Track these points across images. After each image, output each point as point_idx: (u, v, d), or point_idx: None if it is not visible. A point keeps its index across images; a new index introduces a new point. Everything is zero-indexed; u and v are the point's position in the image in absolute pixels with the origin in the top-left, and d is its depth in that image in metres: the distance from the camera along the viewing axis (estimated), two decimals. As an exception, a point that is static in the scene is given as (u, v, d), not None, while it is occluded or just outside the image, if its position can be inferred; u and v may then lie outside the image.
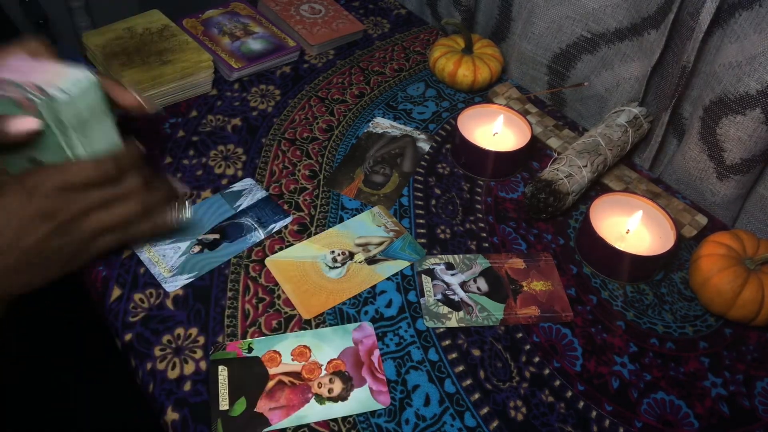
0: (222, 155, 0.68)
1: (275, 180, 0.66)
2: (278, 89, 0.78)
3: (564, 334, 0.56)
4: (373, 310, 0.56)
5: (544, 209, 0.63)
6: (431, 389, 0.51)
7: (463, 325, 0.55)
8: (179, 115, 0.72)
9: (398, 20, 0.92)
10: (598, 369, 0.54)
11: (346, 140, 0.72)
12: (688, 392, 0.53)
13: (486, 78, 0.78)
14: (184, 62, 0.73)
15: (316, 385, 0.50)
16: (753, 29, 0.58)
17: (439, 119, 0.77)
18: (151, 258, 0.57)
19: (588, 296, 0.60)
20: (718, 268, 0.56)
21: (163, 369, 0.50)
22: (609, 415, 0.51)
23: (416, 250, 0.61)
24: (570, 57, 0.77)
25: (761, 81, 0.58)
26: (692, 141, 0.67)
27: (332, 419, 0.48)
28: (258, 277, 0.57)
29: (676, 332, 0.58)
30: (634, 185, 0.70)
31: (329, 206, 0.64)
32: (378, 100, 0.78)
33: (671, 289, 0.61)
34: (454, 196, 0.67)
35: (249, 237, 0.60)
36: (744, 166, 0.63)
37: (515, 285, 0.59)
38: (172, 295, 0.55)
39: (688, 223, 0.66)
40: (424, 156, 0.71)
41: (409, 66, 0.84)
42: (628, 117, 0.69)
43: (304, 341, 0.52)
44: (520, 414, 0.50)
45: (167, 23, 0.78)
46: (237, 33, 0.81)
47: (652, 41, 0.69)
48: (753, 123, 0.60)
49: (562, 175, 0.63)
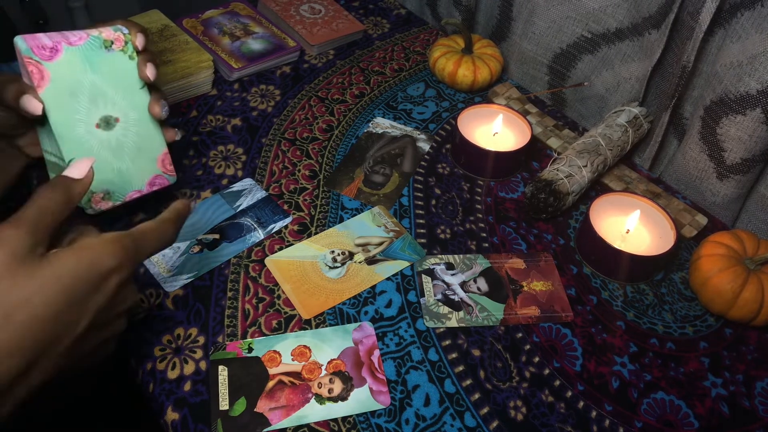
0: (222, 155, 0.68)
1: (275, 180, 0.66)
2: (278, 89, 0.77)
3: (564, 334, 0.56)
4: (373, 310, 0.56)
5: (544, 209, 0.63)
6: (431, 389, 0.51)
7: (463, 325, 0.55)
8: (179, 115, 0.72)
9: (398, 20, 0.92)
10: (598, 369, 0.54)
11: (346, 140, 0.72)
12: (688, 392, 0.53)
13: (486, 78, 0.78)
14: (184, 62, 0.73)
15: (316, 385, 0.50)
16: (754, 29, 0.58)
17: (439, 119, 0.77)
18: (151, 258, 0.57)
19: (588, 296, 0.60)
20: (718, 268, 0.56)
21: (163, 369, 0.50)
22: (609, 415, 0.51)
23: (416, 251, 0.61)
24: (570, 57, 0.77)
25: (762, 81, 0.58)
26: (692, 141, 0.67)
27: (332, 419, 0.48)
28: (258, 277, 0.57)
29: (676, 332, 0.58)
30: (634, 185, 0.70)
31: (329, 206, 0.64)
32: (378, 100, 0.78)
33: (671, 289, 0.61)
34: (454, 196, 0.67)
35: (249, 237, 0.60)
36: (744, 165, 0.63)
37: (515, 285, 0.59)
38: (172, 295, 0.55)
39: (688, 223, 0.66)
40: (424, 156, 0.71)
41: (409, 66, 0.84)
42: (628, 117, 0.69)
43: (304, 341, 0.52)
44: (520, 414, 0.50)
45: (167, 23, 0.78)
46: (237, 33, 0.81)
47: (653, 41, 0.69)
48: (753, 123, 0.60)
49: (562, 175, 0.63)
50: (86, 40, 0.48)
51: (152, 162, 0.54)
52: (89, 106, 0.49)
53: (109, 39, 0.49)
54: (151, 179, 0.55)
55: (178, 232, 0.46)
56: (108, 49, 0.50)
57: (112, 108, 0.51)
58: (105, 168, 0.51)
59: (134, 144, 0.53)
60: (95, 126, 0.50)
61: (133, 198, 0.54)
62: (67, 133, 0.48)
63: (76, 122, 0.49)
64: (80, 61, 0.48)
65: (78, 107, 0.49)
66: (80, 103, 0.49)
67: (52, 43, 0.47)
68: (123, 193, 0.53)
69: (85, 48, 0.48)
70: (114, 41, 0.50)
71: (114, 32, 0.50)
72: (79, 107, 0.49)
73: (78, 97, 0.49)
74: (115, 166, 0.52)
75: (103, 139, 0.51)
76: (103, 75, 0.50)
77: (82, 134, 0.49)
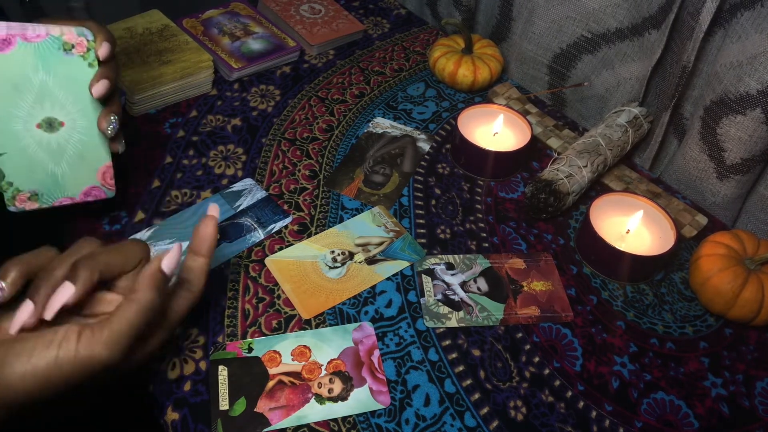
0: (222, 155, 0.68)
1: (275, 180, 0.66)
2: (278, 89, 0.77)
3: (564, 334, 0.56)
4: (373, 310, 0.56)
5: (544, 209, 0.63)
6: (431, 389, 0.51)
7: (463, 325, 0.55)
8: (179, 115, 0.72)
9: (398, 20, 0.92)
10: (598, 369, 0.54)
11: (346, 140, 0.72)
12: (688, 392, 0.53)
13: (486, 78, 0.78)
14: (184, 62, 0.73)
15: (316, 385, 0.50)
16: (754, 29, 0.58)
17: (439, 119, 0.77)
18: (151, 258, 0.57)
19: (588, 296, 0.60)
20: (718, 268, 0.56)
21: (162, 369, 0.50)
22: (609, 415, 0.51)
23: (416, 251, 0.61)
24: (570, 57, 0.77)
25: (762, 81, 0.58)
26: (693, 141, 0.67)
27: (332, 419, 0.48)
28: (258, 277, 0.57)
29: (676, 332, 0.58)
30: (634, 185, 0.70)
31: (329, 206, 0.64)
32: (378, 100, 0.78)
33: (671, 289, 0.61)
34: (454, 196, 0.67)
35: (249, 237, 0.60)
36: (744, 166, 0.63)
37: (515, 285, 0.59)
38: (172, 295, 0.55)
39: (688, 223, 0.66)
40: (424, 156, 0.71)
41: (409, 66, 0.84)
42: (628, 117, 0.69)
43: (304, 341, 0.52)
44: (520, 414, 0.50)
45: (167, 23, 0.78)
46: (237, 33, 0.81)
47: (653, 41, 0.69)
48: (753, 123, 0.60)
49: (562, 175, 0.63)
50: (44, 39, 0.47)
51: (92, 172, 0.54)
52: (33, 104, 0.48)
53: (69, 42, 0.48)
54: (87, 189, 0.54)
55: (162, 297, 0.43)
56: (67, 51, 0.48)
57: (59, 111, 0.50)
58: (38, 169, 0.50)
59: (76, 151, 0.52)
60: (36, 125, 0.49)
61: (63, 204, 0.53)
62: (2, 125, 0.48)
63: (14, 117, 0.48)
64: (33, 58, 0.47)
65: (19, 103, 0.48)
66: (23, 100, 0.48)
67: (6, 34, 0.45)
68: (53, 198, 0.52)
69: (40, 46, 0.47)
70: (75, 45, 0.48)
71: (77, 36, 0.48)
72: (21, 103, 0.48)
73: (22, 93, 0.47)
74: (50, 169, 0.51)
75: (41, 139, 0.50)
76: (56, 77, 0.48)
77: (18, 130, 0.48)
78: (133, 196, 0.62)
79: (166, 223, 0.60)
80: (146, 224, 0.60)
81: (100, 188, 0.55)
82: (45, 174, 0.51)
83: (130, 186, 0.63)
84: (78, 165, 0.52)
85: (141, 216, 0.61)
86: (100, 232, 0.59)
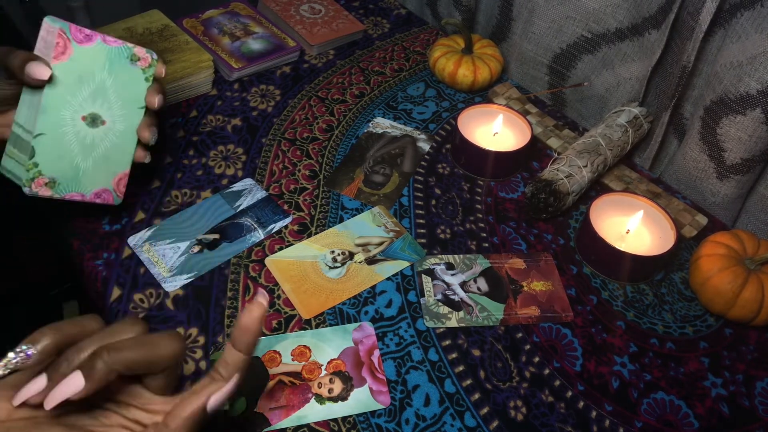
0: (222, 155, 0.68)
1: (275, 180, 0.66)
2: (278, 89, 0.77)
3: (564, 334, 0.56)
4: (373, 310, 0.56)
5: (544, 209, 0.63)
6: (431, 389, 0.51)
7: (463, 325, 0.55)
8: (179, 115, 0.72)
9: (398, 20, 0.92)
10: (598, 369, 0.54)
11: (346, 140, 0.72)
12: (688, 392, 0.53)
13: (486, 78, 0.78)
14: (184, 62, 0.73)
15: (316, 385, 0.50)
16: (754, 29, 0.58)
17: (439, 119, 0.77)
18: (151, 258, 0.57)
19: (588, 296, 0.60)
20: (718, 268, 0.56)
21: (163, 369, 0.50)
22: (609, 415, 0.51)
23: (416, 251, 0.61)
24: (570, 57, 0.77)
25: (762, 81, 0.58)
26: (692, 141, 0.67)
27: (332, 419, 0.48)
28: (258, 277, 0.57)
29: (676, 332, 0.58)
30: (634, 185, 0.70)
31: (329, 206, 0.64)
32: (378, 100, 0.78)
33: (671, 289, 0.61)
34: (454, 196, 0.67)
35: (249, 237, 0.60)
36: (744, 166, 0.63)
37: (515, 285, 0.59)
38: (172, 295, 0.55)
39: (688, 223, 0.66)
40: (424, 156, 0.71)
41: (409, 66, 0.84)
42: (628, 117, 0.69)
43: (304, 341, 0.52)
44: (520, 414, 0.50)
45: (167, 23, 0.78)
46: (237, 33, 0.81)
47: (653, 41, 0.69)
48: (753, 123, 0.60)
49: (562, 175, 0.63)
50: (119, 46, 0.52)
51: (110, 176, 0.55)
52: (87, 97, 0.51)
53: (137, 55, 0.53)
54: (99, 191, 0.55)
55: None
56: (132, 62, 0.53)
57: (106, 111, 0.52)
58: (66, 158, 0.52)
59: (105, 151, 0.54)
60: (81, 117, 0.51)
61: (73, 199, 0.54)
62: (53, 108, 0.49)
63: (67, 103, 0.50)
64: (104, 58, 0.51)
65: (77, 93, 0.50)
66: (81, 91, 0.51)
67: (90, 32, 0.50)
68: (67, 190, 0.53)
69: (114, 51, 0.51)
70: (141, 59, 0.53)
71: (145, 53, 0.53)
72: (78, 93, 0.50)
73: (82, 85, 0.50)
74: (76, 161, 0.52)
75: (80, 131, 0.52)
76: (115, 80, 0.52)
77: (64, 116, 0.50)
78: (133, 196, 0.62)
79: (166, 223, 0.60)
80: (146, 224, 0.60)
81: (111, 193, 0.56)
82: (70, 165, 0.52)
83: (130, 186, 0.63)
84: (101, 165, 0.54)
85: (141, 216, 0.61)
86: (100, 232, 0.59)
